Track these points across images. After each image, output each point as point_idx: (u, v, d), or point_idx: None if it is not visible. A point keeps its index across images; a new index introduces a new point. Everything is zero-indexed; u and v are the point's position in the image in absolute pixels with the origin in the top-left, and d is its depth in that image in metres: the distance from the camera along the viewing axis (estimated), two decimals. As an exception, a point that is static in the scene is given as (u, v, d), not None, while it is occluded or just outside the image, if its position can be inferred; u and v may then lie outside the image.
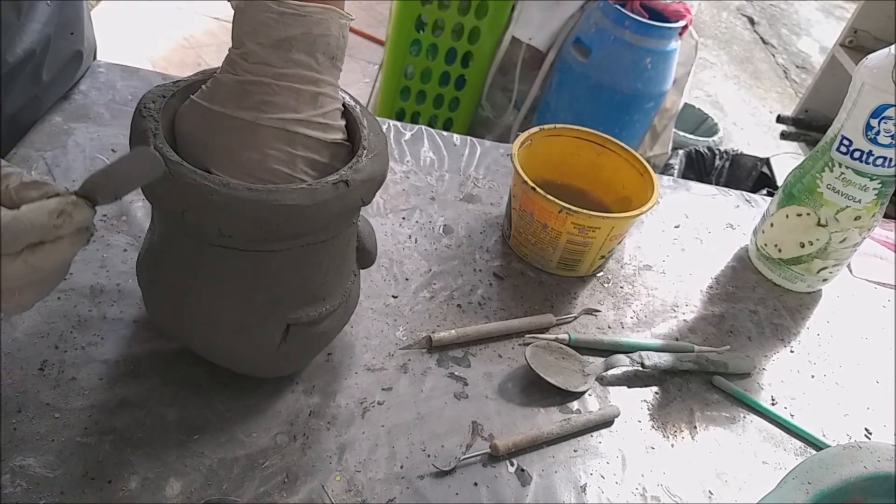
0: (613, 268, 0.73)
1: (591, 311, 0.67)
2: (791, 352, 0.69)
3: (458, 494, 0.50)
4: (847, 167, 0.68)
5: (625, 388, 0.61)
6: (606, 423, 0.58)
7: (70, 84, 0.73)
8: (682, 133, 2.13)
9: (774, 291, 0.76)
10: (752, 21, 3.67)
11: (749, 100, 3.00)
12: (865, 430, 0.63)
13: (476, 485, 0.51)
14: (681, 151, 2.00)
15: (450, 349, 0.60)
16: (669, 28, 1.58)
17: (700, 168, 2.04)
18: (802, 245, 0.73)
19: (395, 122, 0.83)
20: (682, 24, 1.60)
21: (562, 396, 0.58)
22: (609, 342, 0.63)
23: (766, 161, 2.06)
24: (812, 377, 0.67)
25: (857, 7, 2.54)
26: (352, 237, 0.51)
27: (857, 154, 0.67)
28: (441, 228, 0.72)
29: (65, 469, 0.45)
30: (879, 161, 0.66)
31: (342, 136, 0.48)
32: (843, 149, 0.67)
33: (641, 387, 0.62)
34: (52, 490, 0.44)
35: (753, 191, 1.52)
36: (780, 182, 0.76)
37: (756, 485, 0.56)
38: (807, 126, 2.73)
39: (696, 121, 2.34)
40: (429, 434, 0.53)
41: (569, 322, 0.66)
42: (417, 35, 1.73)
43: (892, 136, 0.65)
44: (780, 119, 2.80)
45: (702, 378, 0.64)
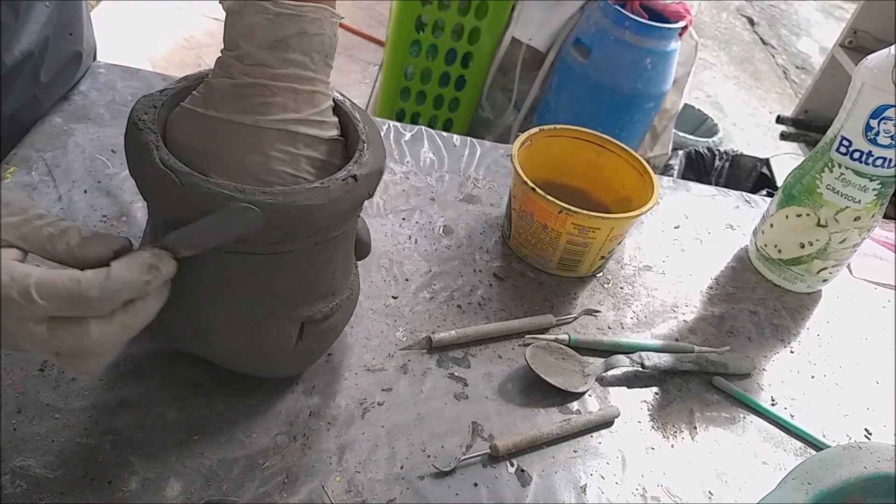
0: (613, 268, 0.73)
1: (591, 312, 0.67)
2: (791, 352, 0.69)
3: (458, 495, 0.50)
4: (847, 168, 0.68)
5: (625, 389, 0.61)
6: (606, 424, 0.58)
7: (69, 85, 0.73)
8: (682, 133, 2.13)
9: (774, 292, 0.76)
10: (752, 21, 3.67)
11: (749, 100, 3.00)
12: (865, 431, 0.63)
13: (476, 485, 0.51)
14: (681, 152, 2.00)
15: (450, 350, 0.60)
16: (669, 28, 1.58)
17: (700, 168, 2.05)
18: (802, 245, 0.73)
19: (395, 123, 0.83)
20: (682, 25, 1.60)
21: (562, 397, 0.58)
22: (609, 343, 0.63)
23: (766, 161, 2.06)
24: (812, 377, 0.67)
25: (857, 7, 2.54)
26: (354, 231, 0.51)
27: (857, 154, 0.67)
28: (441, 229, 0.72)
29: (65, 470, 0.45)
30: (879, 161, 0.66)
31: (336, 132, 0.48)
32: (843, 149, 0.68)
33: (641, 387, 0.62)
34: (52, 491, 0.44)
35: (753, 191, 1.52)
36: (780, 183, 0.76)
37: (756, 485, 0.56)
38: (806, 126, 2.73)
39: (696, 121, 2.34)
40: (429, 434, 0.53)
41: (569, 322, 0.66)
42: (417, 35, 1.73)
43: (892, 137, 0.65)
44: (780, 119, 2.80)
45: (702, 378, 0.64)
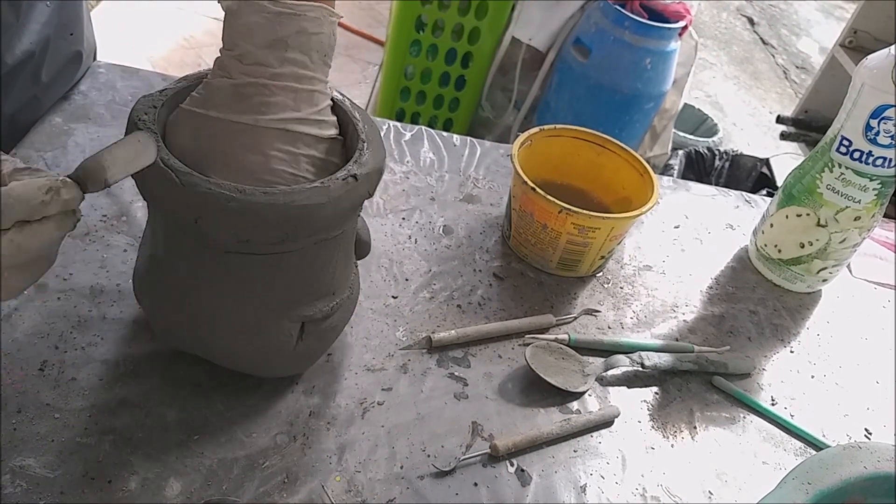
0: (613, 268, 0.73)
1: (591, 312, 0.67)
2: (791, 352, 0.69)
3: (458, 495, 0.50)
4: (847, 167, 0.68)
5: (625, 389, 0.61)
6: (606, 424, 0.58)
7: (70, 84, 0.73)
8: (682, 133, 2.13)
9: (774, 292, 0.76)
10: (752, 21, 3.67)
11: (749, 100, 3.00)
12: (865, 430, 0.63)
13: (476, 485, 0.51)
14: (681, 152, 2.00)
15: (450, 349, 0.60)
16: (669, 28, 1.58)
17: (700, 168, 2.04)
18: (802, 245, 0.73)
19: (395, 123, 0.83)
20: (682, 25, 1.60)
21: (562, 397, 0.58)
22: (609, 342, 0.63)
23: (766, 161, 2.06)
24: (812, 377, 0.67)
25: (857, 7, 2.54)
26: (354, 230, 0.51)
27: (857, 154, 0.67)
28: (441, 229, 0.72)
29: (65, 469, 0.45)
30: (879, 161, 0.66)
31: (335, 132, 0.48)
32: (843, 149, 0.68)
33: (641, 387, 0.62)
34: (52, 490, 0.44)
35: (753, 191, 1.52)
36: (780, 182, 0.76)
37: (756, 485, 0.56)
38: (807, 126, 2.73)
39: (696, 121, 2.33)
40: (429, 434, 0.53)
41: (569, 322, 0.66)
42: (417, 35, 1.73)
43: (892, 137, 0.65)
44: (780, 119, 2.80)
45: (702, 378, 0.64)
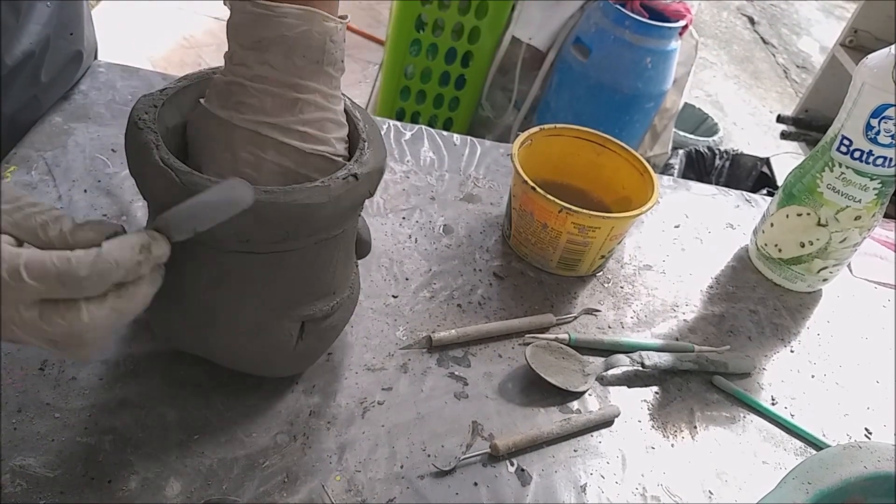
0: (613, 268, 0.73)
1: (591, 311, 0.67)
2: (791, 352, 0.69)
3: (458, 494, 0.50)
4: (847, 167, 0.68)
5: (625, 388, 0.61)
6: (606, 423, 0.58)
7: (70, 84, 0.73)
8: (682, 133, 2.13)
9: (774, 291, 0.76)
10: (752, 21, 3.67)
11: (749, 100, 3.00)
12: (865, 430, 0.63)
13: (476, 485, 0.51)
14: (681, 151, 2.00)
15: (450, 349, 0.60)
16: (669, 28, 1.58)
17: (700, 168, 2.04)
18: (802, 245, 0.73)
19: (395, 122, 0.83)
20: (682, 24, 1.60)
21: (562, 396, 0.58)
22: (609, 342, 0.63)
23: (766, 161, 2.06)
24: (812, 377, 0.67)
25: (857, 7, 2.54)
26: (355, 229, 0.51)
27: (858, 154, 0.67)
28: (441, 228, 0.72)
29: (65, 469, 0.45)
30: (879, 161, 0.66)
31: (330, 150, 0.45)
32: (844, 149, 0.67)
33: (641, 387, 0.62)
34: (52, 490, 0.44)
35: (753, 191, 1.52)
36: (780, 182, 0.76)
37: (756, 485, 0.56)
38: (807, 126, 2.73)
39: (696, 121, 2.34)
40: (429, 434, 0.53)
41: (569, 322, 0.66)
42: (417, 35, 1.73)
43: (893, 136, 0.65)
44: (780, 119, 2.80)
45: (702, 378, 0.64)
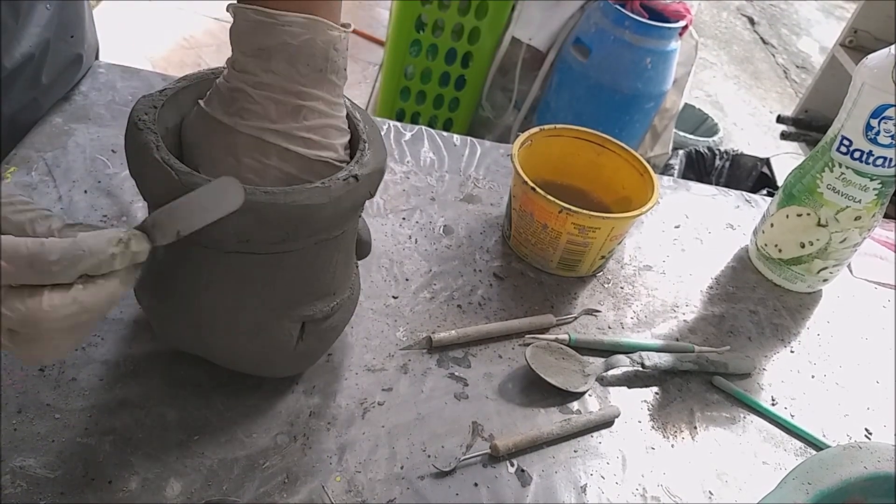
0: (613, 268, 0.73)
1: (592, 312, 0.67)
2: (791, 352, 0.69)
3: (459, 495, 0.50)
4: (847, 167, 0.68)
5: (625, 389, 0.61)
6: (606, 424, 0.58)
7: (70, 86, 0.73)
8: (682, 133, 2.13)
9: (774, 291, 0.76)
10: (752, 21, 3.67)
11: (749, 100, 3.00)
12: (865, 430, 0.63)
13: (476, 485, 0.51)
14: (681, 151, 2.00)
15: (450, 349, 0.60)
16: (669, 28, 1.58)
17: (700, 168, 2.04)
18: (802, 245, 0.73)
19: (395, 123, 0.83)
20: (682, 24, 1.60)
21: (562, 397, 0.58)
22: (609, 342, 0.63)
23: (766, 161, 2.06)
24: (812, 377, 0.67)
25: (857, 7, 2.54)
26: (355, 230, 0.51)
27: (858, 154, 0.67)
28: (441, 229, 0.72)
29: (65, 469, 0.45)
30: (879, 161, 0.66)
31: (334, 156, 0.45)
32: (844, 149, 0.67)
33: (641, 387, 0.62)
34: (53, 490, 0.44)
35: (753, 191, 1.52)
36: (780, 182, 0.76)
37: (756, 485, 0.56)
38: (807, 126, 2.73)
39: (696, 121, 2.34)
40: (429, 434, 0.53)
41: (569, 322, 0.66)
42: (417, 35, 1.73)
43: (892, 136, 0.65)
44: (780, 119, 2.80)
45: (702, 378, 0.64)
